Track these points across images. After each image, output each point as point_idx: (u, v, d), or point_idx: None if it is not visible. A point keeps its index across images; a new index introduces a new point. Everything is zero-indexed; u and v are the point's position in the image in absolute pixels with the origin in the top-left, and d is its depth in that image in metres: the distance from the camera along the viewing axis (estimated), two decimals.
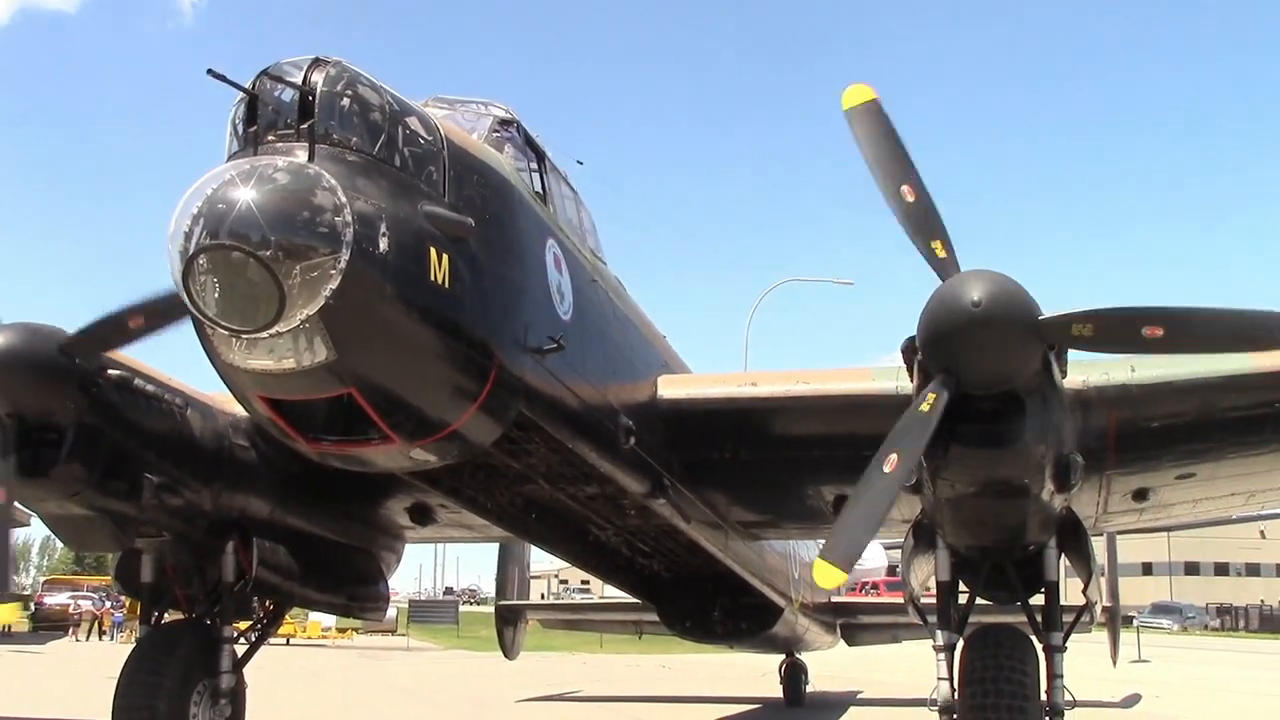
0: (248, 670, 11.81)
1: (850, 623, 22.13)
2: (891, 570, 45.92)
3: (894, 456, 7.78)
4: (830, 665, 27.18)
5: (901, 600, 11.27)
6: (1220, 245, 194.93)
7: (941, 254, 8.01)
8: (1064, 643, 9.82)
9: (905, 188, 8.14)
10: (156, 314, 8.61)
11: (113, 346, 9.45)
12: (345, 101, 7.14)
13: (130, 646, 11.64)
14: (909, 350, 8.22)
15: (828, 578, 7.89)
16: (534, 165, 9.29)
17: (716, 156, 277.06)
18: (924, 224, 8.14)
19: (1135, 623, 50.88)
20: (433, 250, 7.13)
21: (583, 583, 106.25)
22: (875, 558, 46.56)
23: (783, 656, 23.08)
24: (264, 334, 6.54)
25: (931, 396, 7.74)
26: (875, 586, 46.18)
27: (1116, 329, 7.70)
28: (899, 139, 8.34)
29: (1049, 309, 7.82)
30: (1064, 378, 8.53)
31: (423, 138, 7.50)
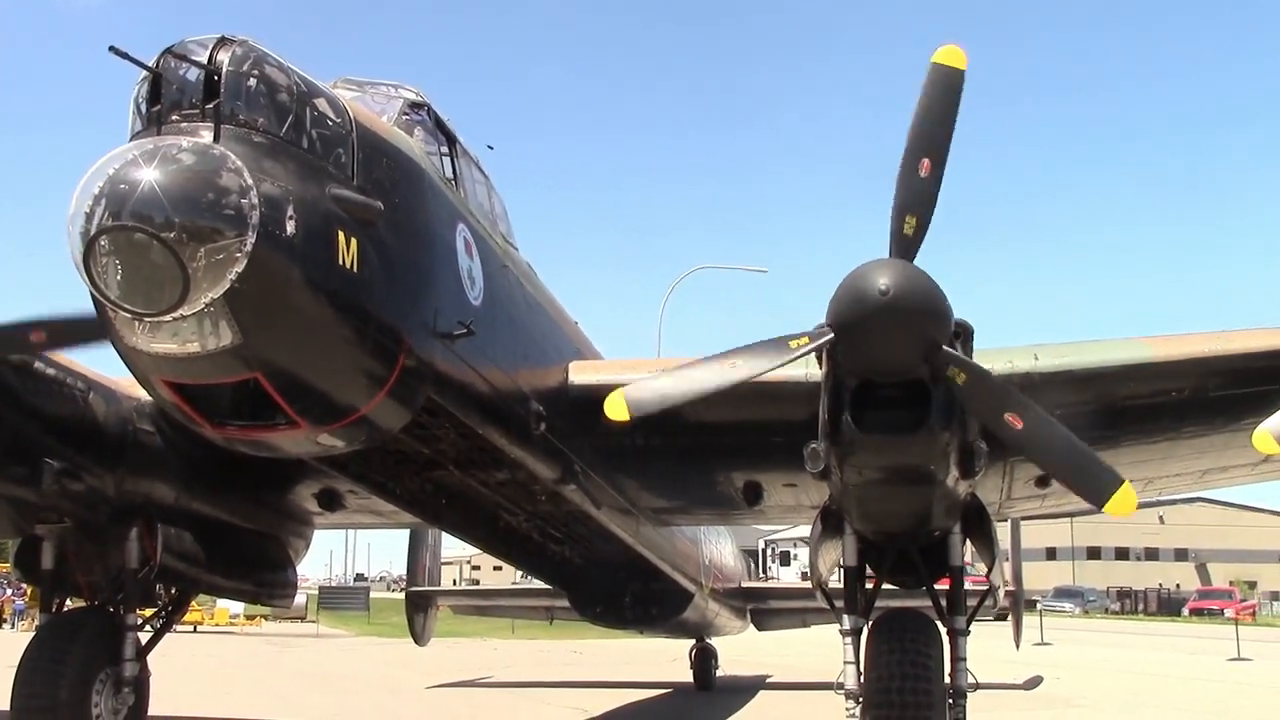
0: (152, 658, 11.67)
1: (760, 608, 22.28)
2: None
3: (736, 361, 8.26)
4: (740, 650, 27.37)
5: (810, 585, 11.36)
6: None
7: (909, 232, 7.99)
8: (968, 626, 9.98)
9: (926, 160, 8.08)
10: (60, 333, 8.51)
11: (7, 353, 9.28)
12: (252, 82, 7.03)
13: (31, 635, 11.44)
14: (818, 336, 8.27)
15: (616, 409, 8.45)
16: (445, 149, 9.22)
17: (634, 145, 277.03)
18: (916, 201, 8.06)
19: (1038, 606, 51.73)
20: (341, 234, 7.06)
21: (495, 568, 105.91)
22: None
23: (693, 641, 23.24)
24: (167, 317, 6.44)
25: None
26: None
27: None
28: (955, 117, 8.17)
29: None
30: None
31: (331, 120, 7.41)
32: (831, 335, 7.93)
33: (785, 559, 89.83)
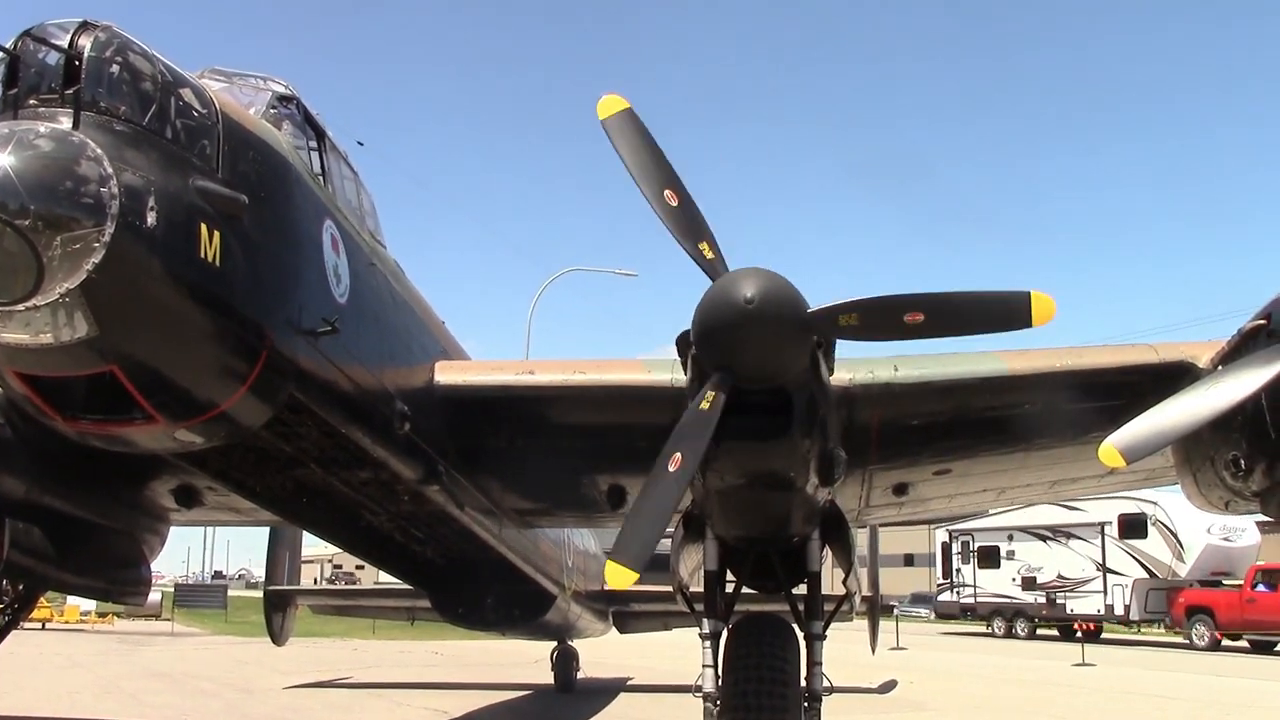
0: None
1: (622, 610, 22.36)
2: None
3: (678, 455, 7.85)
4: (601, 652, 27.47)
5: (671, 589, 11.46)
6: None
7: (709, 255, 8.11)
8: (824, 631, 10.14)
9: (668, 192, 8.19)
10: None
11: None
12: (114, 68, 6.88)
13: None
14: (683, 344, 8.34)
15: (620, 578, 7.80)
16: (313, 144, 9.11)
17: (504, 146, 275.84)
18: (689, 227, 8.20)
19: (895, 611, 52.80)
20: (203, 226, 6.94)
21: (357, 567, 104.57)
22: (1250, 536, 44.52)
23: (555, 643, 23.27)
24: (20, 307, 6.26)
25: (710, 394, 7.84)
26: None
27: (880, 316, 7.89)
28: (656, 145, 8.36)
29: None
30: (831, 375, 8.79)
31: (196, 110, 7.29)
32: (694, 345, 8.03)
33: (991, 558, 51.88)
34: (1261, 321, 8.45)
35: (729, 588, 10.31)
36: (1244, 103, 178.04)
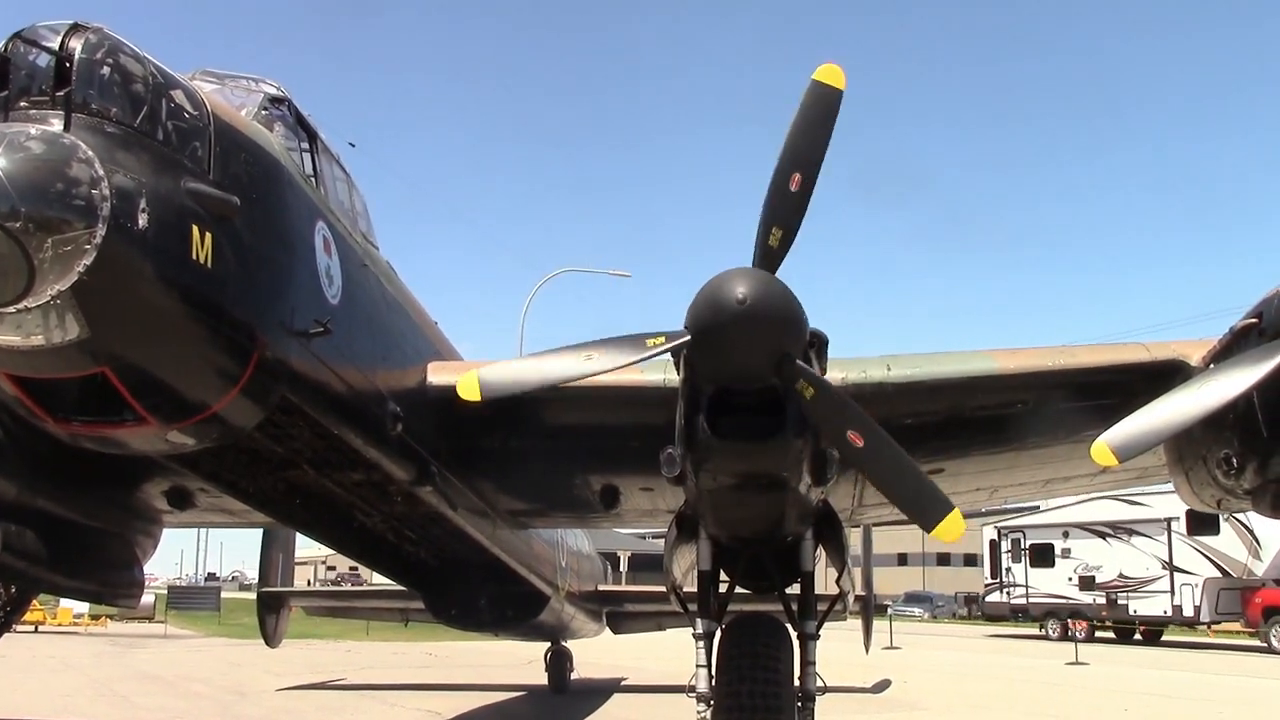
0: None
1: (616, 611, 22.38)
2: None
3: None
4: (595, 652, 27.47)
5: (665, 589, 11.47)
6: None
7: (774, 244, 8.00)
8: (818, 630, 10.14)
9: (798, 175, 8.04)
10: None
11: None
12: (105, 70, 6.87)
13: None
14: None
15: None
16: (305, 145, 9.10)
17: (498, 147, 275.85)
18: (783, 214, 8.04)
19: (889, 611, 52.60)
20: (195, 228, 6.93)
21: (350, 568, 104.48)
22: None
23: (548, 644, 23.26)
24: (11, 309, 6.24)
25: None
26: None
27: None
28: (829, 136, 8.15)
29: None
30: (824, 375, 8.79)
31: (188, 112, 7.28)
32: (689, 339, 7.99)
33: (1044, 557, 49.08)
34: (1253, 320, 8.47)
35: (722, 587, 10.30)
36: (1240, 105, 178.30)
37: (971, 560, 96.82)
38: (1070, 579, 47.15)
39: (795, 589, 10.30)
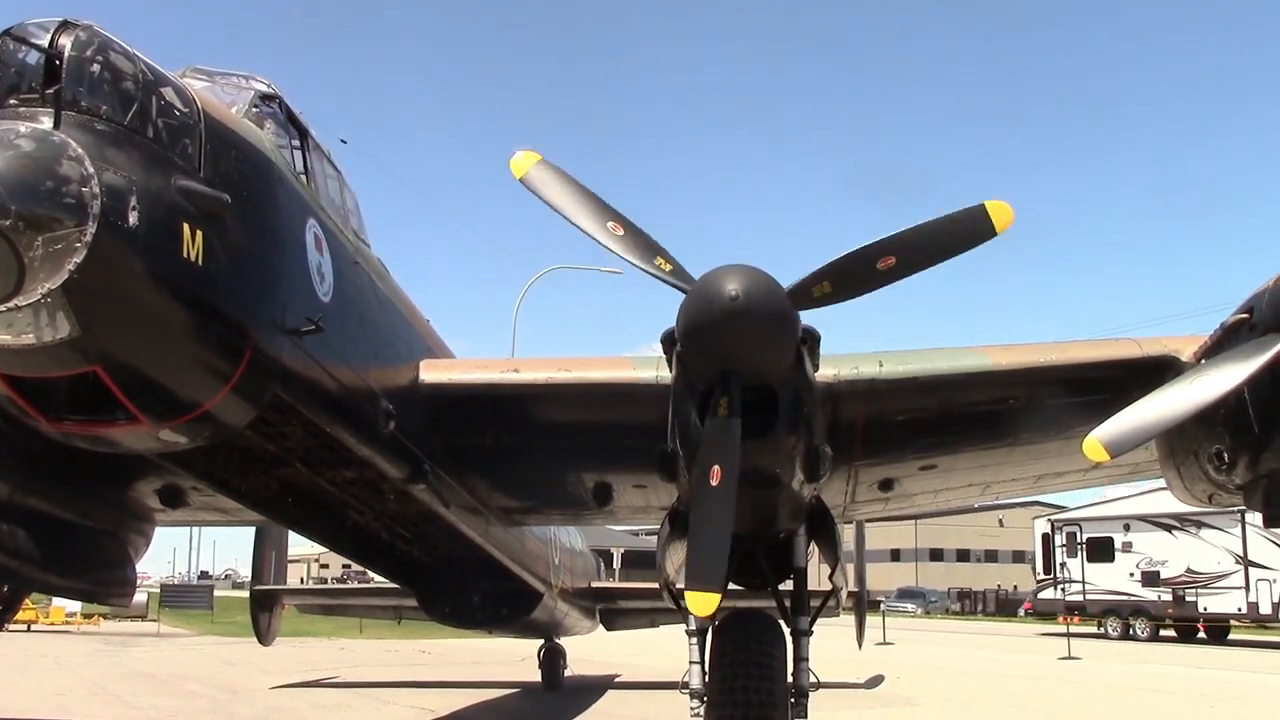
0: None
1: (609, 608, 22.41)
2: None
3: (715, 468, 7.79)
4: (588, 649, 27.47)
5: (658, 586, 11.49)
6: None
7: (668, 266, 8.18)
8: (810, 626, 10.15)
9: (611, 224, 8.29)
10: None
11: None
12: (95, 68, 6.85)
13: None
14: (668, 342, 8.34)
15: (704, 604, 7.78)
16: (296, 143, 9.08)
17: (491, 146, 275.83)
18: (641, 249, 8.29)
19: (882, 606, 52.53)
20: (186, 226, 6.91)
21: (344, 565, 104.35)
22: None
23: (542, 641, 23.26)
24: (1, 308, 6.23)
25: (724, 401, 7.82)
26: None
27: (852, 273, 7.98)
28: (581, 185, 8.44)
29: None
30: (816, 371, 8.79)
31: (178, 109, 7.26)
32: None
33: (1103, 551, 46.27)
34: (1244, 316, 8.48)
35: None
36: (1240, 105, 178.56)
37: (964, 555, 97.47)
38: (1132, 574, 44.89)
39: (788, 585, 10.33)
